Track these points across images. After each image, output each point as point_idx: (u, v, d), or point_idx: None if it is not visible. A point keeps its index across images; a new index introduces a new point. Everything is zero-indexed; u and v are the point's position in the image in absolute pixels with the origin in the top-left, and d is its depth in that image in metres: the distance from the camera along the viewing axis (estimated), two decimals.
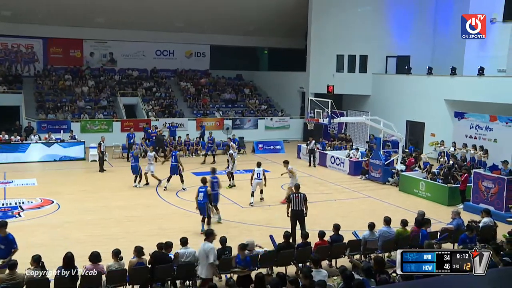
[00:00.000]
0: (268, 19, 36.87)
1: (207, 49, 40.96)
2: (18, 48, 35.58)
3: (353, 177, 22.96)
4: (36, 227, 14.77)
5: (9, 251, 9.88)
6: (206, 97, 36.30)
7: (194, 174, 22.89)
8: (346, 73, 32.67)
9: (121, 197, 18.53)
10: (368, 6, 31.69)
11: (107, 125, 30.41)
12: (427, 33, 31.64)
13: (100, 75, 36.65)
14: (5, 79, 33.18)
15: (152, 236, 13.10)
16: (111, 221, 15.50)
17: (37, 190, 19.04)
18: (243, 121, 33.85)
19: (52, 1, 31.25)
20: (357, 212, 17.10)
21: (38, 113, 30.56)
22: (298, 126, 34.73)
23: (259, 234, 13.49)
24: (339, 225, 12.03)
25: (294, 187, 14.64)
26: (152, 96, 35.18)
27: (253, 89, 39.62)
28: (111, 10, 33.19)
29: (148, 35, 37.15)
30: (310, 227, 12.78)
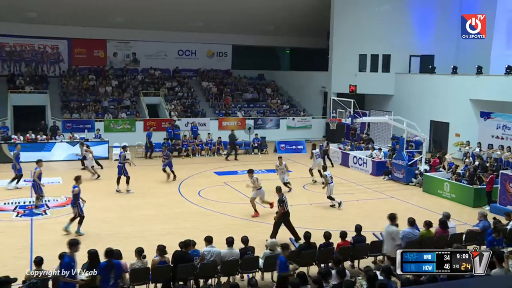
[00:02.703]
0: (290, 19, 36.78)
1: (229, 49, 41.06)
2: (44, 49, 36.17)
3: (375, 178, 22.75)
4: (61, 225, 14.98)
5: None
6: (228, 97, 36.39)
7: (216, 174, 23.01)
8: (368, 72, 32.42)
9: (143, 196, 18.68)
10: (390, 5, 31.37)
11: (130, 124, 30.72)
12: (451, 32, 31.13)
13: (123, 75, 37.03)
14: (31, 79, 33.78)
15: (173, 235, 13.17)
16: (132, 219, 15.63)
17: (62, 189, 19.30)
18: (265, 120, 33.84)
19: (76, 3, 31.65)
20: (379, 212, 16.85)
21: (63, 112, 31.03)
22: (320, 126, 34.55)
23: (279, 234, 13.43)
24: (361, 226, 11.93)
25: (276, 189, 14.26)
26: (174, 96, 35.41)
27: (275, 88, 39.58)
28: (134, 11, 33.49)
29: (170, 35, 37.42)
30: (332, 228, 12.69)
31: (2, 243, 13.28)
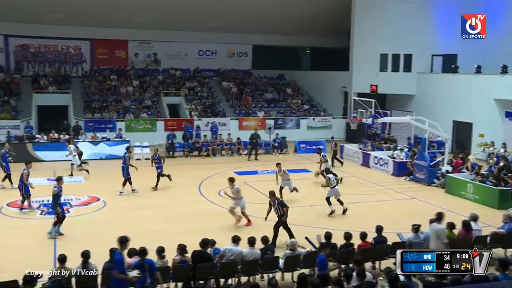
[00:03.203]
0: (311, 18, 36.64)
1: (249, 49, 41.09)
2: (67, 50, 36.68)
3: (396, 178, 22.54)
4: (83, 223, 15.20)
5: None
6: (248, 96, 36.42)
7: (237, 174, 23.03)
8: (390, 72, 32.12)
9: (164, 195, 18.81)
10: (412, 4, 31.01)
11: (151, 124, 30.97)
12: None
13: (144, 75, 37.33)
14: (55, 80, 34.29)
15: (192, 234, 13.19)
16: (152, 218, 15.73)
17: (85, 188, 19.59)
18: (285, 120, 33.79)
19: (99, 4, 32.03)
20: (400, 213, 16.76)
21: (85, 112, 31.41)
22: (341, 126, 34.36)
23: (299, 234, 13.37)
24: (381, 227, 11.82)
25: (269, 193, 13.89)
26: (195, 96, 35.58)
27: (295, 88, 39.49)
28: (155, 12, 33.74)
29: (191, 35, 37.59)
30: (352, 229, 12.58)
31: (27, 240, 13.51)
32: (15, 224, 14.97)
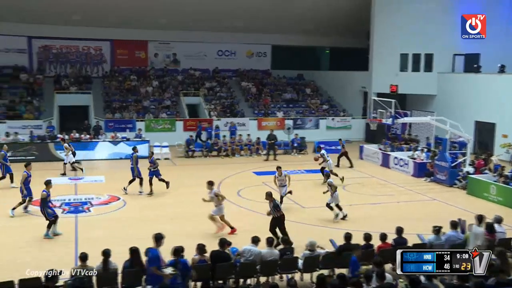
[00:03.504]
0: (330, 18, 36.49)
1: (268, 49, 41.07)
2: (88, 50, 37.12)
3: (417, 179, 22.29)
4: (104, 222, 15.35)
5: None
6: (267, 97, 36.40)
7: (255, 174, 23.06)
8: (410, 72, 31.82)
9: (183, 195, 18.88)
10: (433, 3, 30.66)
11: (170, 124, 31.16)
12: (498, 29, 30.09)
13: (164, 75, 37.57)
14: (76, 80, 34.72)
15: (212, 234, 13.24)
16: (171, 218, 15.80)
17: (105, 187, 19.78)
18: (305, 121, 33.69)
19: (119, 5, 32.33)
20: (421, 214, 16.56)
21: (105, 112, 31.74)
22: (360, 126, 34.15)
23: (318, 235, 13.31)
24: (402, 228, 11.68)
25: (266, 194, 13.53)
26: (214, 96, 35.69)
27: (314, 88, 39.35)
28: (174, 12, 33.92)
29: (210, 35, 37.69)
30: (372, 229, 12.48)
31: (49, 238, 13.68)
32: (37, 222, 15.15)
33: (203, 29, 36.69)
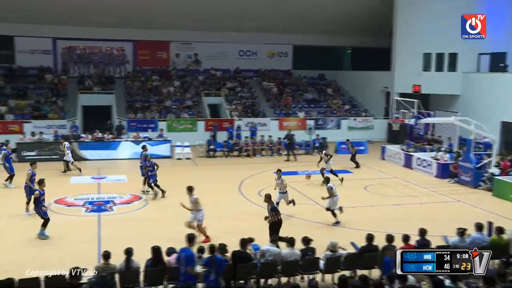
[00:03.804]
0: (352, 18, 36.26)
1: (290, 49, 40.98)
2: (111, 51, 37.54)
3: (440, 180, 21.99)
4: (126, 221, 15.49)
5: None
6: (288, 97, 36.33)
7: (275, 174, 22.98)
8: (433, 72, 31.38)
9: (204, 195, 18.84)
10: (457, 1, 30.17)
11: (191, 124, 31.33)
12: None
13: (186, 75, 37.77)
14: (99, 80, 35.15)
15: (232, 233, 13.22)
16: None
17: (127, 186, 19.95)
18: (326, 121, 33.53)
19: (141, 6, 32.60)
20: (444, 216, 16.31)
21: (128, 112, 32.06)
22: (382, 126, 33.87)
23: (340, 235, 13.23)
24: (425, 230, 11.49)
25: (265, 196, 13.20)
26: (235, 96, 35.75)
27: (336, 88, 39.15)
28: (196, 13, 34.09)
29: (231, 36, 37.78)
30: (394, 231, 12.32)
31: (72, 236, 13.88)
32: (61, 221, 15.38)
33: (224, 29, 36.80)
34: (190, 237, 9.86)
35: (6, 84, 32.86)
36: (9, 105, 30.58)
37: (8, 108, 30.21)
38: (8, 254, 12.41)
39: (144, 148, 19.69)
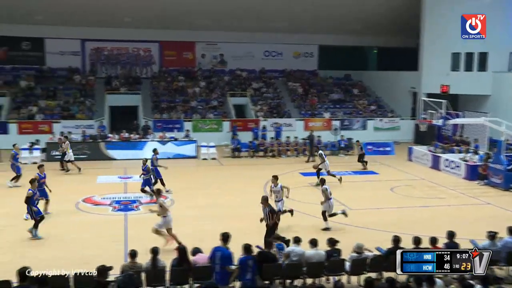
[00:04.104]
0: (378, 17, 35.86)
1: (315, 49, 40.78)
2: (138, 52, 37.95)
3: (469, 182, 21.57)
4: (153, 221, 15.57)
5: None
6: (314, 97, 36.16)
7: (302, 175, 22.93)
8: (462, 71, 30.82)
9: (230, 195, 18.98)
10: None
11: (217, 124, 31.45)
12: None
13: (211, 75, 37.94)
14: (126, 81, 35.58)
15: (256, 234, 13.22)
16: (219, 217, 15.89)
17: (154, 186, 20.07)
18: (352, 121, 33.27)
19: (167, 7, 32.85)
20: (474, 219, 16.00)
21: (154, 112, 32.36)
22: (409, 127, 33.44)
23: (366, 237, 13.09)
24: (453, 232, 11.30)
25: (262, 199, 12.86)
26: (260, 97, 35.75)
27: (362, 89, 38.80)
28: (221, 13, 34.20)
29: (256, 36, 37.79)
30: (421, 233, 12.14)
31: (99, 235, 14.06)
32: (88, 220, 15.62)
33: (250, 29, 36.85)
34: (225, 236, 9.85)
35: (37, 85, 33.57)
36: (40, 105, 31.24)
37: (38, 108, 30.85)
38: (32, 252, 12.63)
39: (155, 151, 19.63)
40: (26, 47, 35.61)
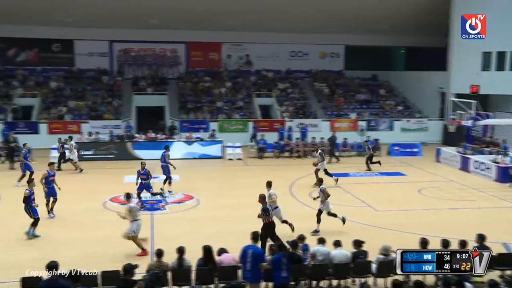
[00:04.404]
0: (405, 17, 35.35)
1: (342, 50, 40.48)
2: (164, 53, 38.29)
3: (500, 184, 21.10)
4: (179, 220, 15.73)
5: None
6: (340, 97, 35.89)
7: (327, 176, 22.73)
8: (493, 71, 30.14)
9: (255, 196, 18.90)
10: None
11: (242, 125, 31.50)
12: None
13: (237, 76, 38.02)
14: (153, 82, 35.95)
15: (282, 234, 13.17)
16: (244, 217, 15.87)
17: (179, 186, 20.25)
18: (378, 122, 32.91)
19: (193, 8, 33.03)
20: (505, 222, 15.62)
21: (180, 113, 32.60)
22: (437, 128, 32.91)
23: (392, 239, 12.90)
24: (483, 235, 11.04)
25: (259, 197, 12.77)
26: (286, 97, 35.67)
27: (389, 89, 38.36)
28: (247, 14, 34.21)
29: (282, 37, 37.69)
30: (450, 236, 11.91)
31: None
32: (116, 218, 15.76)
33: (276, 30, 36.77)
34: (255, 234, 9.90)
35: (66, 85, 34.21)
36: (69, 106, 31.82)
37: (67, 108, 31.43)
38: (62, 249, 12.84)
39: (167, 148, 19.73)
40: (56, 49, 36.34)
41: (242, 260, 9.58)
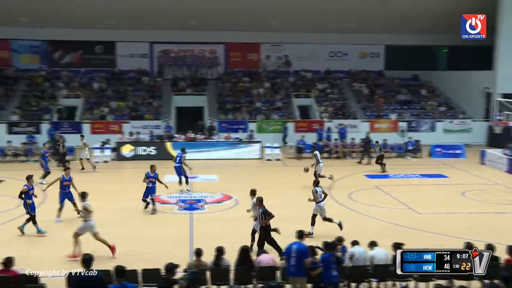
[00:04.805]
0: (447, 15, 34.44)
1: (382, 49, 39.84)
2: (204, 54, 38.63)
3: None
4: (217, 220, 15.81)
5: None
6: (380, 98, 35.35)
7: (367, 177, 22.47)
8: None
9: (294, 196, 18.86)
10: None
11: (281, 125, 31.42)
12: None
13: (276, 76, 37.97)
14: (192, 82, 36.33)
15: (320, 237, 13.03)
16: (281, 219, 15.79)
17: (218, 186, 20.38)
18: (420, 123, 32.23)
19: (232, 9, 33.19)
20: None
21: (219, 113, 32.81)
22: (482, 129, 31.95)
23: (434, 242, 12.59)
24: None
25: (257, 200, 12.54)
26: (325, 97, 35.39)
27: (430, 89, 37.51)
28: (286, 14, 34.11)
29: (321, 37, 37.40)
30: (496, 241, 11.52)
31: (166, 233, 14.36)
32: (154, 218, 16.01)
33: (315, 30, 36.53)
34: (300, 233, 10.11)
35: (108, 86, 34.98)
36: (110, 106, 32.52)
37: (109, 109, 32.13)
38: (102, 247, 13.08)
39: (183, 150, 19.65)
40: (99, 51, 37.22)
41: (286, 256, 9.75)
